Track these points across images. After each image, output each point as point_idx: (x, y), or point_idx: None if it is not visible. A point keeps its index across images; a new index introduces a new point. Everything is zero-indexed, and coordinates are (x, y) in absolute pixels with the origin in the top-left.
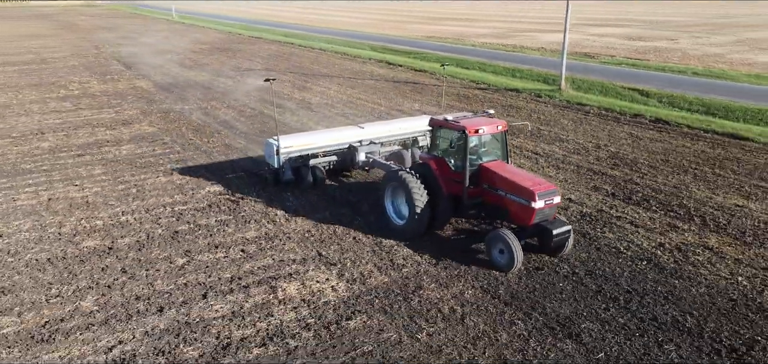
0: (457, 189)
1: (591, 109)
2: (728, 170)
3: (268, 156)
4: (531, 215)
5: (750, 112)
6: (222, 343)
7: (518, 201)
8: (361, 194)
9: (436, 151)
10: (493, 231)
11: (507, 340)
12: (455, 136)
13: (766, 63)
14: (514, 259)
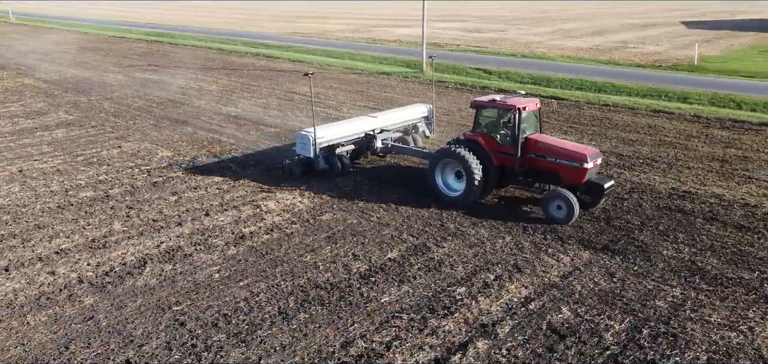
0: (504, 160)
1: (449, 84)
2: (553, 120)
3: (302, 147)
4: (583, 175)
5: (565, 81)
6: (238, 236)
7: (570, 164)
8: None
9: (481, 129)
10: (550, 191)
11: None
12: (505, 115)
13: (574, 47)
14: (573, 211)
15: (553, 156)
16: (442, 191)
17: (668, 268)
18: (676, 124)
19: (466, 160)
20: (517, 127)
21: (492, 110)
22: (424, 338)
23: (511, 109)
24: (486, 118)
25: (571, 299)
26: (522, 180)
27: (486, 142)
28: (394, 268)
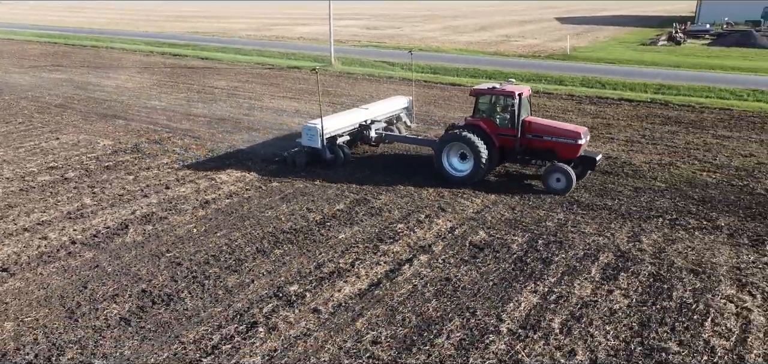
0: (505, 141)
1: (358, 76)
2: (454, 104)
3: (309, 139)
4: (577, 150)
5: (460, 70)
6: (202, 202)
7: (566, 142)
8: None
9: (481, 114)
10: (549, 166)
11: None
12: (505, 100)
13: (465, 41)
14: (572, 182)
15: (549, 135)
16: (449, 172)
17: (554, 201)
18: (554, 102)
19: (473, 142)
20: (517, 111)
21: (491, 97)
22: (379, 258)
23: (511, 95)
24: (485, 104)
25: (484, 226)
26: (520, 158)
27: (487, 125)
28: (343, 216)
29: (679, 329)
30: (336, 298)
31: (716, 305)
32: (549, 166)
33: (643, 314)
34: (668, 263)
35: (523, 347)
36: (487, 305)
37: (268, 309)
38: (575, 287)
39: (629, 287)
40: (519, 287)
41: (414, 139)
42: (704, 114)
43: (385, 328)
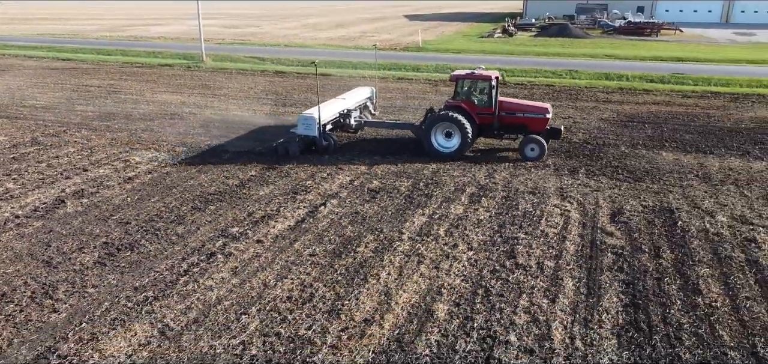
0: (483, 119)
1: (232, 71)
2: (326, 90)
3: (306, 128)
4: (546, 123)
5: (327, 62)
6: (125, 178)
7: (536, 116)
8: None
9: (461, 97)
10: (525, 137)
11: None
12: (483, 84)
13: (325, 37)
14: (544, 149)
15: (521, 112)
16: (438, 149)
17: (428, 157)
18: (415, 86)
19: (460, 121)
20: (494, 92)
21: (470, 81)
22: (298, 204)
23: (488, 79)
24: (464, 87)
25: (376, 177)
26: (496, 133)
27: (468, 106)
28: (257, 179)
29: (524, 226)
30: (272, 232)
31: (548, 210)
32: (524, 138)
33: (500, 220)
34: (514, 189)
35: (421, 246)
36: (390, 225)
37: (219, 245)
38: (451, 209)
39: (489, 205)
40: (411, 212)
41: (392, 123)
42: (534, 90)
43: (316, 246)
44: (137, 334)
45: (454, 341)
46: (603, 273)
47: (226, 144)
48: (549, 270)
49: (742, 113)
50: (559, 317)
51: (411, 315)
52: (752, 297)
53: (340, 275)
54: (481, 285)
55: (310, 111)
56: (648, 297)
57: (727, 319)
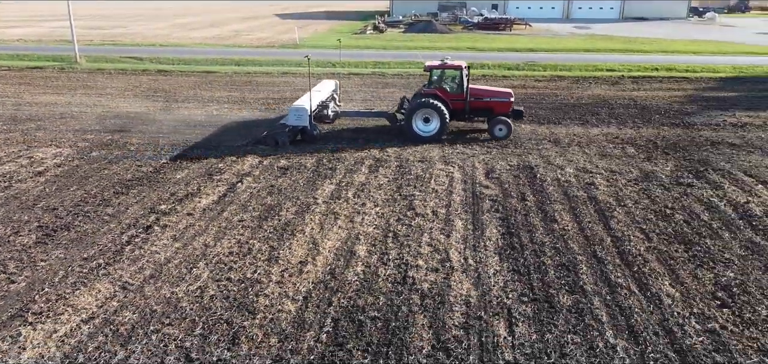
0: (455, 105)
1: (111, 71)
2: (227, 87)
3: (297, 119)
4: (510, 106)
5: (209, 60)
6: (36, 172)
7: (502, 100)
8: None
9: (434, 85)
10: (493, 119)
11: None
12: (454, 73)
13: (201, 37)
14: (510, 129)
15: (488, 97)
16: (419, 133)
17: (324, 138)
18: (300, 80)
19: (438, 107)
20: (465, 80)
21: (442, 70)
22: (216, 183)
23: (459, 68)
24: (437, 76)
25: (283, 157)
26: (467, 117)
27: (442, 93)
28: (171, 165)
29: (418, 186)
30: (199, 206)
31: (435, 173)
32: (492, 120)
33: (398, 183)
34: (405, 159)
35: (335, 206)
36: (304, 193)
37: (152, 219)
38: (355, 177)
39: (386, 173)
40: (320, 182)
41: (367, 112)
42: (410, 79)
43: (243, 214)
44: (101, 291)
45: (376, 269)
46: (484, 214)
47: (129, 137)
48: (442, 215)
49: (582, 92)
50: (454, 246)
51: (337, 255)
52: (592, 221)
53: (269, 233)
54: (389, 231)
55: (301, 102)
56: (518, 227)
57: (575, 237)
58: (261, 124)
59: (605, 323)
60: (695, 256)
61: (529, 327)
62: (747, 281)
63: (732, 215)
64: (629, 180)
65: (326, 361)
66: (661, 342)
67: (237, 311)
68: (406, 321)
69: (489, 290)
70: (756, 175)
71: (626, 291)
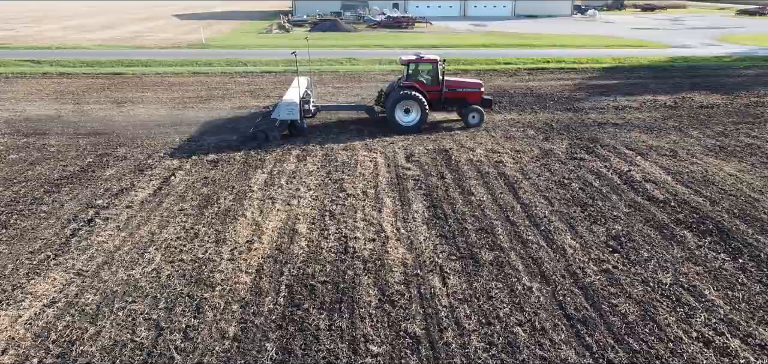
0: (432, 96)
1: (8, 75)
2: (127, 88)
3: (288, 113)
4: (481, 96)
5: (113, 62)
6: None
7: (473, 90)
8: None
9: (412, 78)
10: (467, 107)
11: None
12: (430, 66)
13: (98, 38)
14: (483, 116)
15: (461, 87)
16: (401, 123)
17: (246, 135)
18: (211, 79)
19: (419, 98)
20: (440, 73)
21: (419, 64)
22: (148, 178)
23: (435, 62)
24: (414, 70)
25: (211, 151)
26: (443, 107)
27: (420, 86)
28: (98, 163)
29: (346, 171)
30: (137, 198)
31: (360, 160)
32: (466, 109)
33: (326, 170)
34: (330, 148)
35: (271, 192)
36: (239, 183)
37: (92, 213)
38: (285, 166)
39: (314, 161)
40: (252, 173)
41: (347, 105)
42: (323, 76)
43: (182, 204)
44: (57, 279)
45: (318, 243)
46: (409, 192)
47: (46, 139)
48: (372, 195)
49: (484, 83)
50: (386, 219)
51: (281, 234)
52: (503, 192)
53: (212, 219)
54: (326, 210)
55: (290, 97)
56: (441, 201)
57: (490, 205)
58: (195, 122)
59: (521, 271)
60: (590, 215)
61: (460, 279)
62: (631, 231)
63: (617, 181)
64: (531, 157)
65: (287, 319)
66: (567, 282)
67: (195, 286)
68: (353, 282)
69: (421, 252)
70: (635, 149)
71: (536, 245)
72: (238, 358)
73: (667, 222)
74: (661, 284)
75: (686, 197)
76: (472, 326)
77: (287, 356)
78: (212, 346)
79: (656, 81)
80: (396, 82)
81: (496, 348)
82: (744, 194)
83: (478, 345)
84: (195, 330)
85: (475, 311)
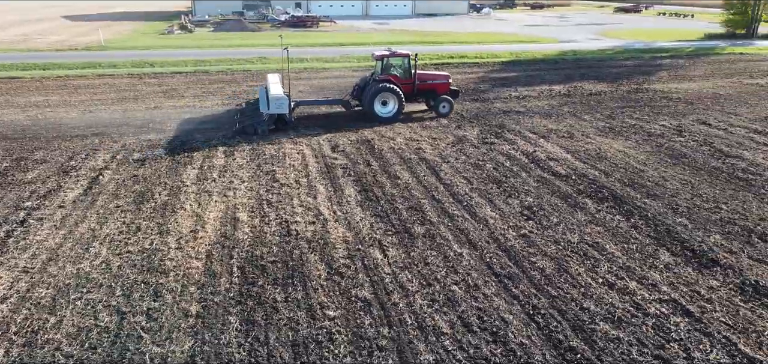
0: (405, 88)
1: None
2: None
3: (278, 107)
4: (449, 86)
5: (6, 66)
6: None
7: (442, 82)
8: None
9: (387, 72)
10: (437, 98)
11: None
12: (402, 60)
13: None
14: (452, 106)
15: (430, 80)
16: (380, 115)
17: (170, 128)
18: (120, 81)
19: (396, 90)
20: (412, 67)
21: (392, 59)
22: (76, 178)
23: (407, 56)
24: (387, 65)
25: (134, 151)
26: (415, 99)
27: (394, 79)
28: (15, 167)
29: (275, 163)
30: (68, 198)
31: (287, 152)
32: (436, 99)
33: (256, 163)
34: (257, 143)
35: (205, 185)
36: (171, 179)
37: (23, 214)
38: (214, 161)
39: (242, 155)
40: (182, 168)
41: (324, 100)
42: (235, 75)
43: (117, 201)
44: (3, 277)
45: (262, 227)
46: (339, 179)
47: None
48: (304, 183)
49: None
50: (322, 204)
51: (223, 222)
52: (426, 175)
53: (151, 213)
54: (263, 199)
55: (277, 92)
56: (370, 185)
57: (416, 187)
58: (110, 123)
59: (451, 241)
60: (504, 190)
61: (398, 250)
62: (541, 202)
63: (525, 160)
64: (447, 143)
65: (244, 296)
66: (491, 247)
67: (148, 273)
68: (301, 260)
69: (359, 231)
70: (538, 133)
71: (461, 218)
72: (204, 332)
73: (571, 192)
74: (569, 242)
75: (584, 171)
76: (415, 288)
77: (251, 326)
78: (177, 324)
79: (550, 73)
80: (370, 77)
81: (438, 304)
82: (631, 167)
83: (422, 303)
84: (157, 311)
85: (416, 276)
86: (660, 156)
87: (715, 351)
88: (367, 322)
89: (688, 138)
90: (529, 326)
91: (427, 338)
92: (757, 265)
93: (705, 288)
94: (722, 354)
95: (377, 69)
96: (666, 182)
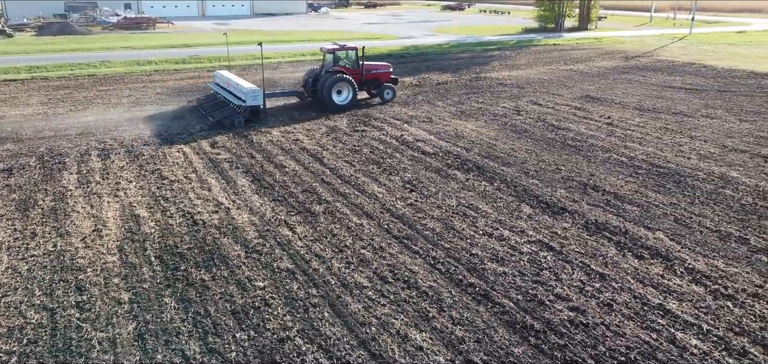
0: (356, 78)
1: None
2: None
3: (254, 99)
4: (390, 75)
5: None
6: None
7: (384, 71)
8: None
9: (339, 63)
10: (380, 86)
11: None
12: (351, 52)
13: None
14: (395, 92)
15: (374, 70)
16: (337, 102)
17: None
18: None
19: (350, 80)
20: (361, 58)
21: (342, 52)
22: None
23: (355, 49)
24: (338, 57)
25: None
26: (362, 87)
27: (345, 70)
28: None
29: (157, 163)
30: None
31: (167, 152)
32: (380, 87)
33: (137, 164)
34: (130, 144)
35: (90, 188)
36: (50, 185)
37: None
38: (91, 165)
39: (119, 157)
40: (58, 175)
41: (282, 93)
42: (80, 80)
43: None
44: None
45: (166, 220)
46: (229, 172)
47: None
48: (194, 178)
49: (255, 76)
50: (219, 195)
51: (124, 220)
52: (311, 162)
53: (42, 219)
54: (157, 195)
55: (251, 86)
56: (261, 175)
57: (304, 173)
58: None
59: (349, 214)
60: (385, 169)
61: (305, 227)
62: (419, 176)
63: (396, 143)
64: (322, 133)
65: (172, 279)
66: (386, 216)
67: (63, 272)
68: (216, 244)
69: (264, 214)
70: (401, 119)
71: (353, 195)
72: (143, 314)
73: (441, 167)
74: (450, 206)
75: (448, 148)
76: (329, 255)
77: (188, 304)
78: (114, 311)
79: (398, 66)
80: (319, 70)
81: (353, 265)
82: (485, 142)
83: (339, 266)
84: (88, 303)
85: (327, 246)
86: (506, 132)
87: (576, 272)
88: (296, 287)
89: (525, 116)
90: (433, 272)
91: (352, 292)
92: (594, 209)
93: (560, 229)
94: (581, 274)
95: (328, 61)
96: (515, 152)
